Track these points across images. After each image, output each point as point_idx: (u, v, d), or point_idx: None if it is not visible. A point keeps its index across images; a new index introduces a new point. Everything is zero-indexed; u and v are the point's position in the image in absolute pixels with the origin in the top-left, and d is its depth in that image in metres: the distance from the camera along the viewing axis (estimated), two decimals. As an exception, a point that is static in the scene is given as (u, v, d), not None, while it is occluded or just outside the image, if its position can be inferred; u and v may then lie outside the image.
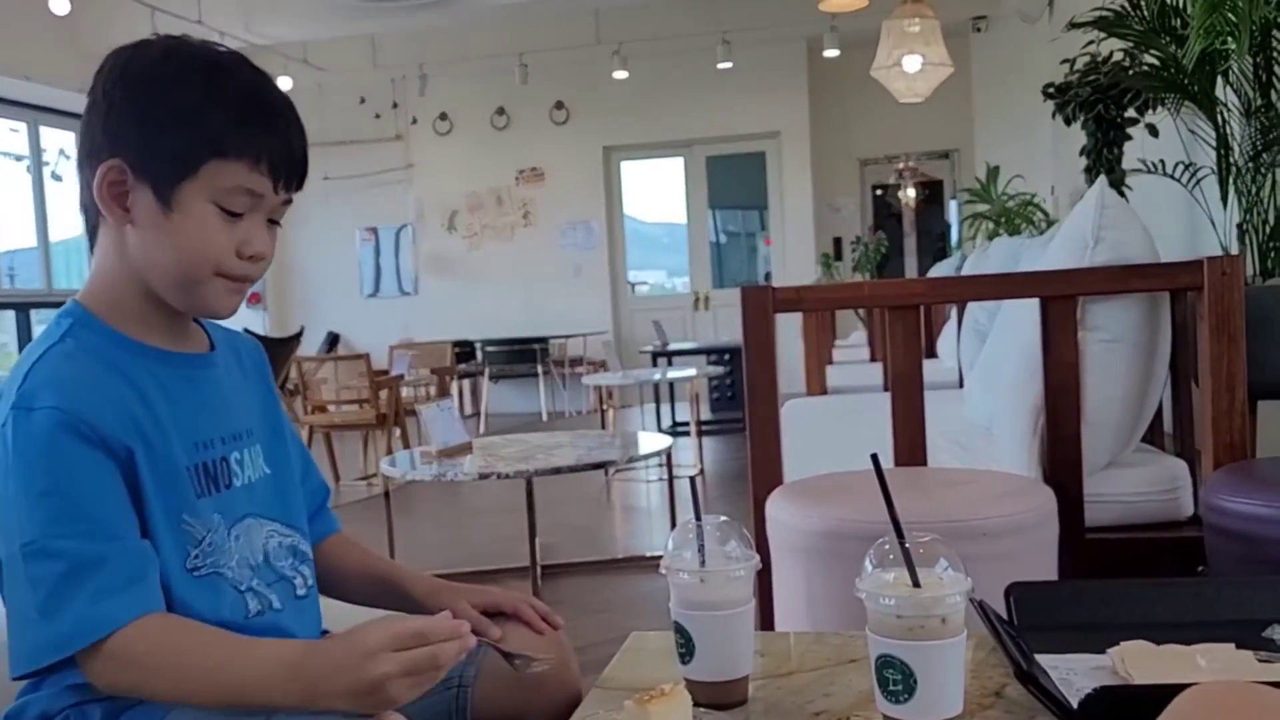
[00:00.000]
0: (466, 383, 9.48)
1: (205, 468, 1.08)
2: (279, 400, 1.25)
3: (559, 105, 9.85)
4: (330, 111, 9.49)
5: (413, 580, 1.28)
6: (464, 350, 9.06)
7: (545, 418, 9.08)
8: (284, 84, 8.40)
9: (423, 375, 7.62)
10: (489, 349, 9.07)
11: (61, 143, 8.46)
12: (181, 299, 1.08)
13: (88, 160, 1.05)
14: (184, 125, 1.03)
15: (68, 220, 8.51)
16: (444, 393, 7.48)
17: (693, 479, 1.13)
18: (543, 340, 9.08)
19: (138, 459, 1.01)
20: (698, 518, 1.07)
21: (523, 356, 9.00)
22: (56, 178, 8.34)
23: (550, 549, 4.01)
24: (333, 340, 10.07)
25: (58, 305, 1.12)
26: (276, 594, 1.11)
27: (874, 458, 1.04)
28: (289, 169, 1.07)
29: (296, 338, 7.56)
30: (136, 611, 0.96)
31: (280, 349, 6.37)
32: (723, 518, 1.08)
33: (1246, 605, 1.18)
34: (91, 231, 1.09)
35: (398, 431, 6.05)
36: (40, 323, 8.05)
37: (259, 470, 1.14)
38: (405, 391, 6.79)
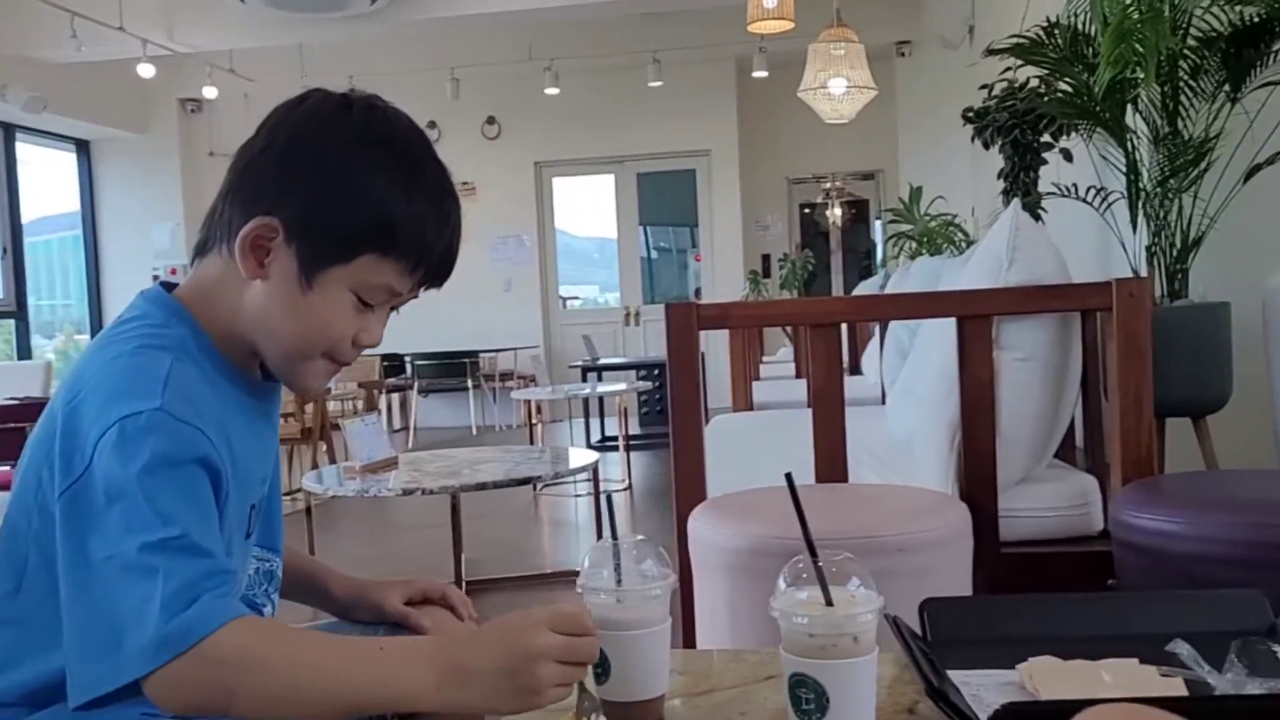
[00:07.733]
0: (396, 396, 9.38)
1: (260, 506, 1.05)
2: None
3: (490, 120, 9.82)
4: (258, 123, 9.33)
5: (332, 578, 1.26)
6: (393, 364, 8.97)
7: (475, 432, 9.02)
8: (209, 93, 8.28)
9: (350, 389, 7.52)
10: (418, 363, 8.98)
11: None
12: (279, 364, 1.03)
13: (243, 203, 0.98)
14: (358, 214, 0.96)
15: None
16: (372, 407, 7.39)
17: (609, 496, 1.12)
18: (473, 354, 9.03)
19: (228, 494, 0.94)
20: (614, 536, 1.07)
21: (452, 370, 8.93)
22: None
23: (476, 564, 3.98)
24: (257, 354, 9.89)
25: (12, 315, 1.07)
26: None
27: (788, 477, 1.05)
28: (440, 275, 1.04)
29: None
30: (236, 614, 0.85)
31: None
32: (639, 536, 1.08)
33: (1151, 619, 1.20)
34: (203, 246, 1.03)
35: (324, 446, 5.95)
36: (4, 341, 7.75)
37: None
38: (332, 405, 6.69)
